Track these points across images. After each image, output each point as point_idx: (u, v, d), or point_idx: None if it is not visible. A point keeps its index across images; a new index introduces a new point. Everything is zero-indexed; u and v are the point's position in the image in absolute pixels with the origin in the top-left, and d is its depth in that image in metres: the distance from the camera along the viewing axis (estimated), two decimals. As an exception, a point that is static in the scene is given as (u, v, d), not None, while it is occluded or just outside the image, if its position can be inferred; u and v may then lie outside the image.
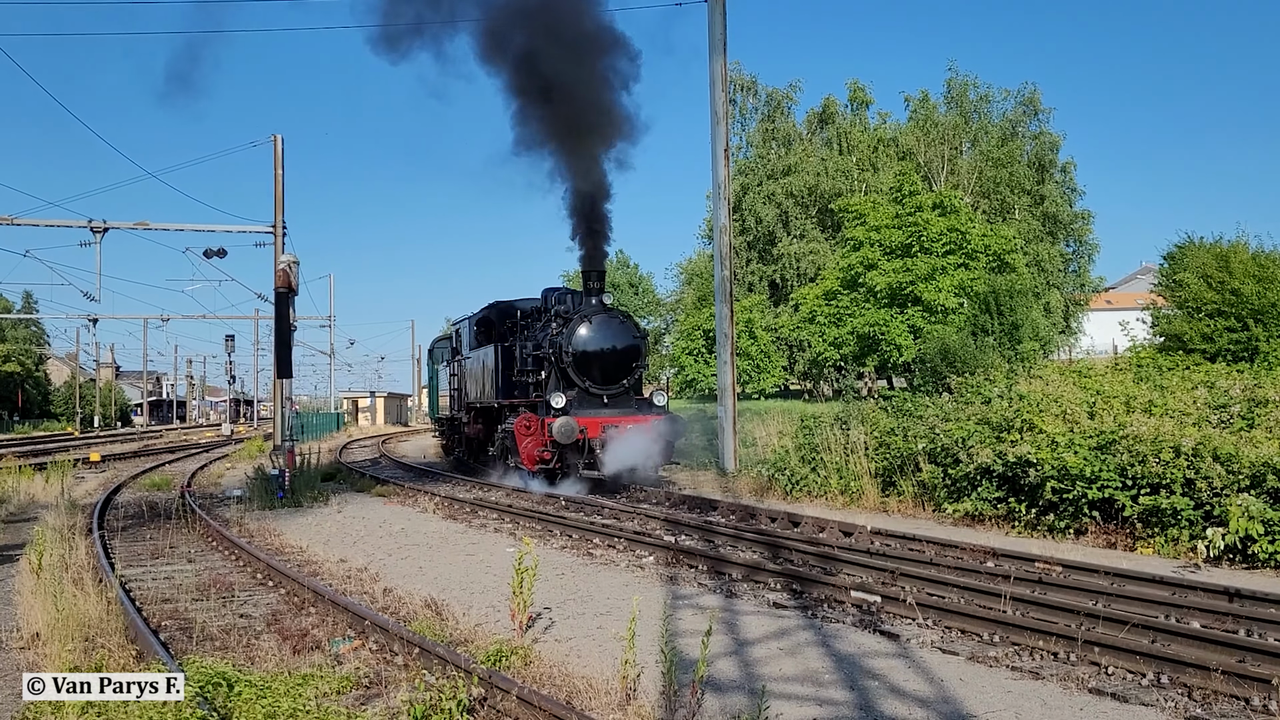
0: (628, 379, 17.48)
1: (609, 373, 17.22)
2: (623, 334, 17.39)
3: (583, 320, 17.14)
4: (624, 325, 17.57)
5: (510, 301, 21.51)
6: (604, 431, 16.43)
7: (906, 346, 34.93)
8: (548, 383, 17.54)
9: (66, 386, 77.36)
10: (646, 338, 18.22)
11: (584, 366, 17.04)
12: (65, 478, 19.81)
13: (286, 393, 20.81)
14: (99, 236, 23.52)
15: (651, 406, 17.53)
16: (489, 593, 9.14)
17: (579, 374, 17.01)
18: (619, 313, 17.96)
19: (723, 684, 6.18)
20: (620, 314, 17.95)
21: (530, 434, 16.75)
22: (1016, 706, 5.71)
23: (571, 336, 17.03)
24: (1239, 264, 22.85)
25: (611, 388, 17.26)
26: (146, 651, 6.87)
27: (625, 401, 17.35)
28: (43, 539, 9.53)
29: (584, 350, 17.03)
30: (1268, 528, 9.50)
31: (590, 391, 17.09)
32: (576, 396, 16.97)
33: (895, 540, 10.91)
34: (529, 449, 16.70)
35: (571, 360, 16.97)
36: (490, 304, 21.84)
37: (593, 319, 17.16)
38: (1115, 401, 12.42)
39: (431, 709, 5.38)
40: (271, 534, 13.54)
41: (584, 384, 17.05)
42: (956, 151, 48.71)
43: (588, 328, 17.11)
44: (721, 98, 19.30)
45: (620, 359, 17.30)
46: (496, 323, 21.10)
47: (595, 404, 17.06)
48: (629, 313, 20.16)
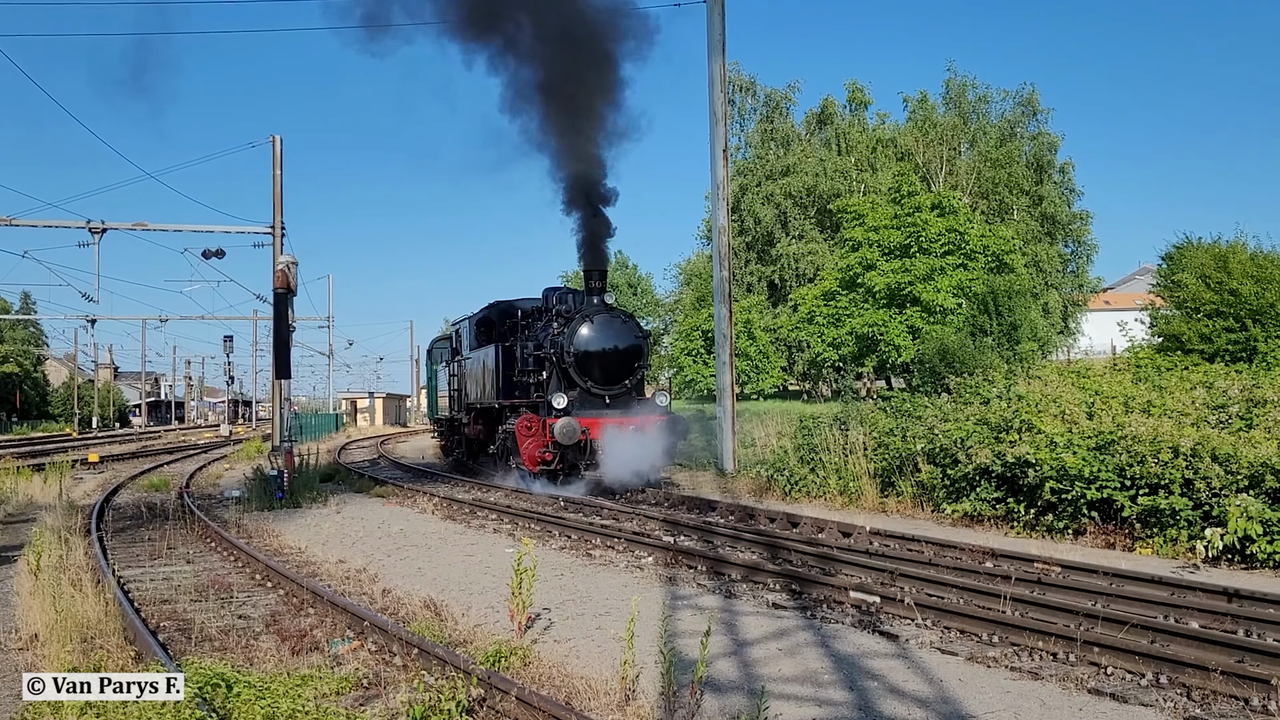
0: (630, 379, 17.40)
1: (611, 373, 17.13)
2: (625, 334, 17.32)
3: (584, 320, 17.04)
4: (626, 325, 17.50)
5: (511, 301, 21.38)
6: (605, 432, 16.35)
7: (905, 347, 34.94)
8: (549, 383, 17.45)
9: (65, 387, 77.29)
10: (649, 338, 18.10)
11: (585, 367, 16.95)
12: (63, 479, 19.80)
13: (285, 393, 20.79)
14: (97, 237, 23.52)
15: (654, 407, 17.41)
16: (488, 593, 9.14)
17: (580, 374, 16.92)
18: (621, 312, 17.85)
19: (722, 684, 6.18)
20: (622, 314, 17.86)
21: (532, 434, 16.65)
22: (1015, 707, 5.71)
23: (573, 336, 16.93)
24: (1237, 264, 22.87)
25: (613, 388, 17.18)
26: (145, 652, 6.87)
27: (627, 402, 17.25)
28: (41, 540, 9.53)
29: (585, 350, 16.94)
30: (1266, 528, 9.50)
31: (592, 392, 17.00)
32: (578, 397, 16.89)
33: (894, 541, 10.91)
34: (530, 450, 16.61)
35: (573, 360, 16.88)
36: (490, 304, 21.72)
37: (594, 318, 17.06)
38: (1114, 402, 12.43)
39: (430, 710, 5.38)
40: (270, 535, 13.54)
41: (585, 384, 16.96)
42: (955, 152, 48.75)
43: (589, 327, 17.01)
44: (720, 98, 19.31)
45: (622, 359, 17.23)
46: (497, 323, 21.00)
47: (597, 404, 16.98)
48: (631, 313, 20.04)
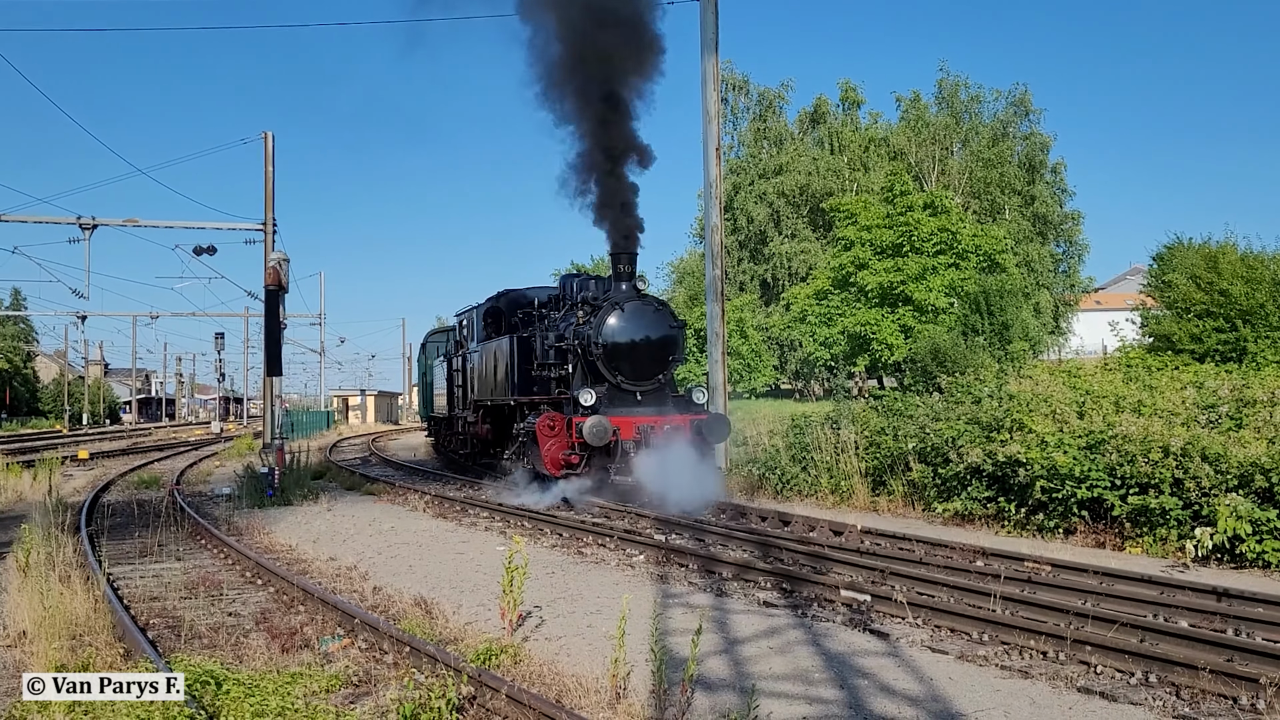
0: (663, 374, 15.76)
1: (642, 367, 15.50)
2: (658, 323, 15.65)
3: (614, 308, 15.43)
4: (659, 313, 15.84)
5: (521, 290, 19.96)
6: (638, 432, 14.69)
7: (897, 346, 35.02)
8: (573, 378, 15.97)
9: (55, 384, 77.03)
10: (684, 327, 16.44)
11: (615, 360, 15.34)
12: (53, 475, 19.67)
13: (276, 390, 20.76)
14: (88, 233, 23.39)
15: (690, 404, 15.75)
16: (479, 591, 9.13)
17: (609, 368, 15.32)
18: (653, 299, 16.19)
19: (713, 682, 6.17)
20: (655, 301, 16.19)
21: (554, 435, 14.93)
22: (1005, 705, 5.72)
23: (601, 326, 15.31)
24: (1227, 265, 23.00)
25: (645, 383, 15.51)
26: (134, 650, 6.84)
27: (660, 399, 15.59)
28: (30, 536, 9.47)
29: (615, 341, 15.31)
30: (1255, 527, 9.54)
31: (622, 388, 15.38)
32: (606, 393, 15.25)
33: (885, 539, 10.93)
34: (552, 451, 14.87)
35: (601, 353, 15.27)
36: (499, 293, 20.23)
37: (625, 306, 15.45)
38: (1104, 401, 12.46)
39: (421, 707, 5.37)
40: (261, 532, 13.50)
41: (615, 379, 15.34)
42: (947, 152, 48.86)
43: (619, 316, 15.40)
44: (713, 97, 19.29)
45: (655, 351, 15.58)
46: (507, 313, 19.57)
47: (627, 401, 15.33)
48: (665, 300, 18.29)
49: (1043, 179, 48.61)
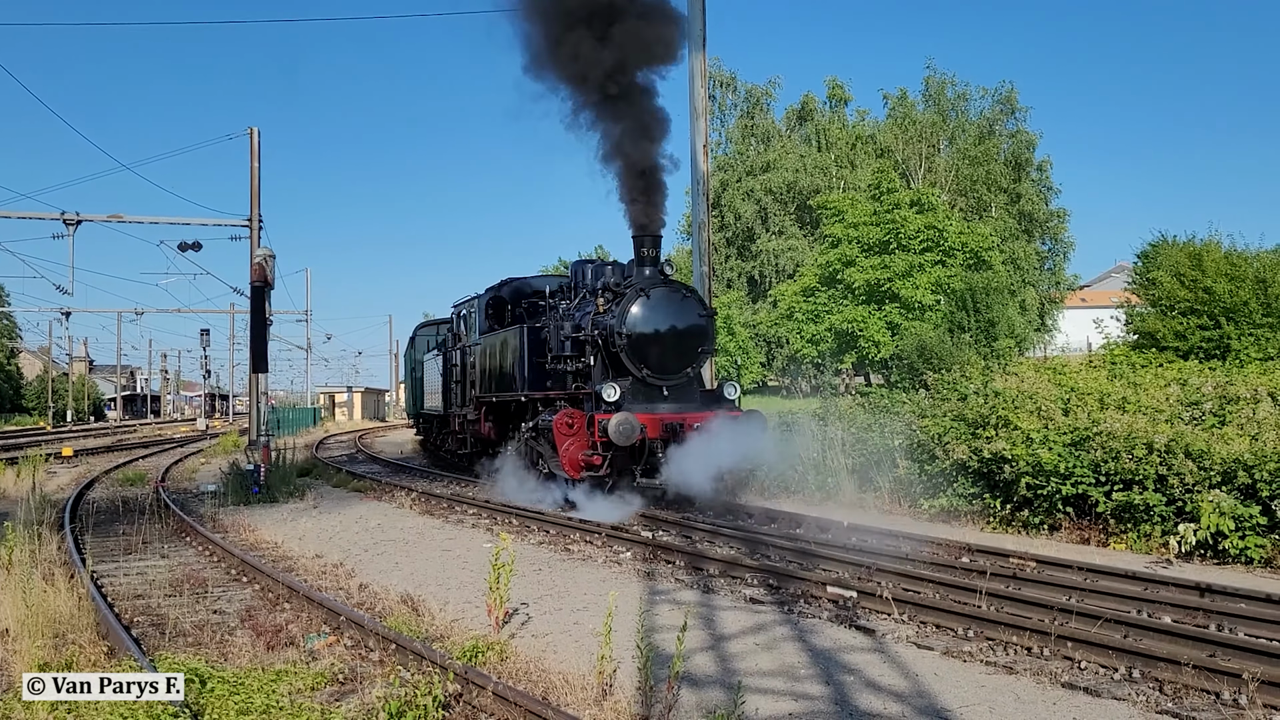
0: (692, 367, 14.49)
1: (670, 359, 14.13)
2: (686, 311, 14.27)
3: (638, 295, 14.03)
4: (688, 301, 14.47)
5: (526, 279, 18.92)
6: (667, 431, 13.48)
7: (884, 343, 35.13)
8: (593, 371, 14.67)
9: (39, 381, 76.48)
10: (714, 316, 15.19)
11: (639, 351, 13.98)
12: (37, 472, 19.54)
13: (262, 387, 20.66)
14: (72, 229, 23.23)
15: (721, 400, 14.61)
16: (465, 588, 9.11)
17: (633, 361, 13.96)
18: (681, 286, 14.87)
19: (699, 679, 6.18)
20: (683, 288, 14.86)
21: (574, 434, 13.58)
22: (990, 701, 5.75)
23: (625, 315, 13.92)
24: (1211, 263, 23.14)
25: (673, 377, 14.18)
26: (118, 648, 6.81)
27: (690, 394, 14.39)
28: (13, 534, 9.41)
29: (639, 332, 13.95)
30: (1238, 524, 9.62)
31: (648, 382, 14.03)
32: (630, 388, 13.92)
33: (871, 536, 10.95)
34: (572, 452, 13.51)
35: (625, 344, 13.89)
36: (501, 282, 19.12)
37: (650, 293, 14.06)
38: (1089, 398, 12.53)
39: (407, 705, 5.36)
40: (246, 529, 13.45)
41: (640, 372, 13.98)
42: (934, 149, 49.03)
43: (644, 304, 13.99)
44: (701, 93, 19.28)
45: (683, 342, 14.21)
46: (511, 303, 18.45)
47: (654, 397, 14.05)
48: (693, 286, 16.70)
49: (1028, 176, 48.84)
